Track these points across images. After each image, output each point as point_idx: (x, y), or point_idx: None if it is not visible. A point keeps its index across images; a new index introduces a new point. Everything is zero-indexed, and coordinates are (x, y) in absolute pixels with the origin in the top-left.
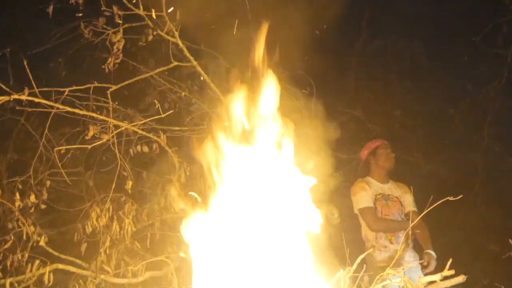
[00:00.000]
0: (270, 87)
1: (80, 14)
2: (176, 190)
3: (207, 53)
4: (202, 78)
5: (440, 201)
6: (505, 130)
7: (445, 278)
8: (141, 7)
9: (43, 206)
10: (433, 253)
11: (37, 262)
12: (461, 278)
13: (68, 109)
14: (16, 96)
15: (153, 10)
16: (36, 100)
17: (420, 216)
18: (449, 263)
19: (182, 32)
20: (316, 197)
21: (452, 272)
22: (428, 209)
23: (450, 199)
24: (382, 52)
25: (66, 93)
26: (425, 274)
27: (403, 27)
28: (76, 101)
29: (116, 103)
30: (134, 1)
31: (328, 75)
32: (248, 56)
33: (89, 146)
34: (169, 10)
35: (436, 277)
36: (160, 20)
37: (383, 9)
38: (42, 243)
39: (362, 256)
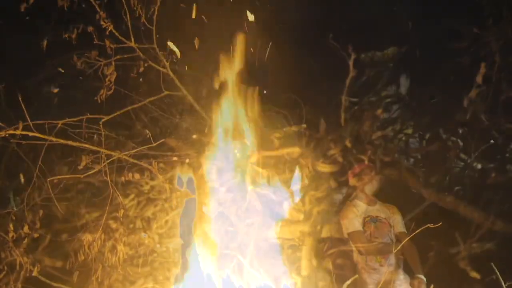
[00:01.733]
0: None
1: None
2: None
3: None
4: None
5: (422, 228)
6: (490, 146)
7: None
8: (132, 39)
9: (36, 235)
10: (423, 277)
11: None
12: None
13: (62, 141)
14: (11, 131)
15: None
16: (31, 134)
17: (407, 239)
18: None
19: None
20: None
21: None
22: (414, 233)
23: (431, 226)
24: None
25: (59, 125)
26: None
27: (388, 46)
28: (68, 129)
29: (108, 129)
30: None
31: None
32: None
33: (82, 176)
34: None
35: None
36: (152, 49)
37: (367, 31)
38: (35, 273)
39: (348, 282)
